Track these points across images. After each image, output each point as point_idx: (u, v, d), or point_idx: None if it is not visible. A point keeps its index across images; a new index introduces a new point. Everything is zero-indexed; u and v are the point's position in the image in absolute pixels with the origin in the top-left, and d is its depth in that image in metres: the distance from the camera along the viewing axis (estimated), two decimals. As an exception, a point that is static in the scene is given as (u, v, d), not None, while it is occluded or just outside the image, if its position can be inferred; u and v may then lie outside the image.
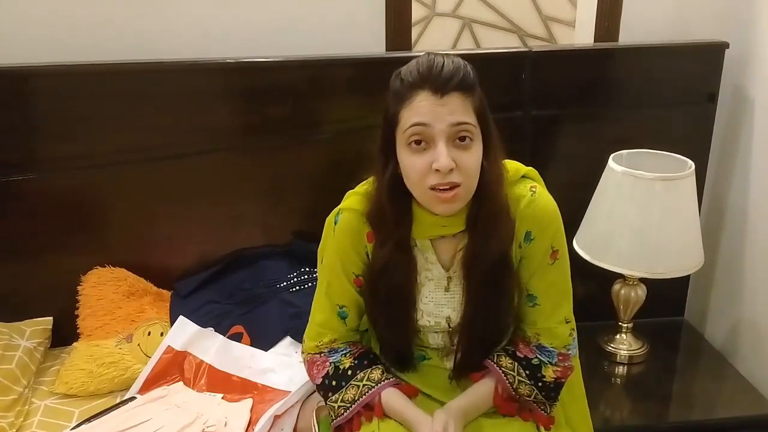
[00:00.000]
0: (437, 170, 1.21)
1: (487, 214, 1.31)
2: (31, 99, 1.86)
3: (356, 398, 1.37)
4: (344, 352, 1.43)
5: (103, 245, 1.97)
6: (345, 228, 1.39)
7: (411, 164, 1.25)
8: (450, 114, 1.22)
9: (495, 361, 1.39)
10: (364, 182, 1.41)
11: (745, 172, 1.99)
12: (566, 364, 1.40)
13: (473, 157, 1.25)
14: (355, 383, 1.39)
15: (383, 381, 1.39)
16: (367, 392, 1.37)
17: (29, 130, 1.86)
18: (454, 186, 1.23)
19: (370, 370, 1.41)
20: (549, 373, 1.38)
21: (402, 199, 1.32)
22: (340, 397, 1.39)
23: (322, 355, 1.43)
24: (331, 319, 1.43)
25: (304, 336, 1.48)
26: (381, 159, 1.32)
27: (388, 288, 1.37)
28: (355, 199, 1.40)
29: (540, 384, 1.38)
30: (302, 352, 1.49)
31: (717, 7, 2.04)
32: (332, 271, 1.42)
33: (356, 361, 1.42)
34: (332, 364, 1.42)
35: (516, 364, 1.38)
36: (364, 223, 1.38)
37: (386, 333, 1.44)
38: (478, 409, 1.39)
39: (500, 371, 1.38)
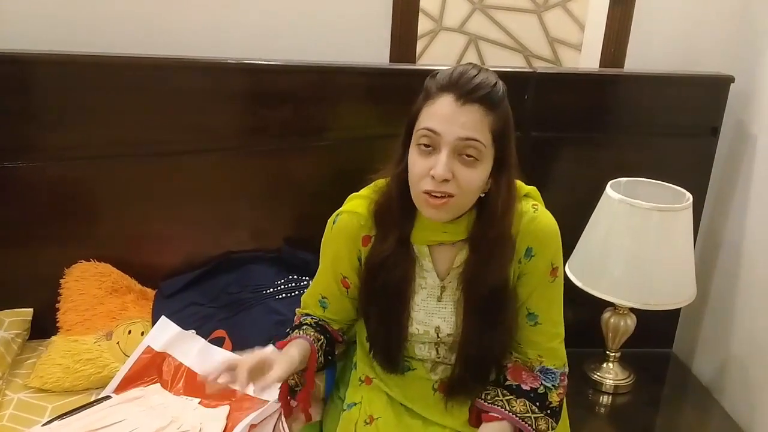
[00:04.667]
0: (433, 176, 1.23)
1: (492, 238, 1.32)
2: (26, 86, 1.82)
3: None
4: (314, 317, 1.52)
5: (89, 239, 1.94)
6: (341, 230, 1.43)
7: (414, 163, 1.28)
8: (462, 127, 1.22)
9: (508, 408, 1.36)
10: (367, 186, 1.44)
11: (743, 209, 1.98)
12: (565, 383, 1.43)
13: (474, 175, 1.25)
14: (294, 332, 1.46)
15: (305, 335, 1.43)
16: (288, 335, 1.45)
17: (22, 117, 1.83)
18: (446, 195, 1.25)
19: (309, 327, 1.46)
20: (554, 398, 1.39)
21: (410, 195, 1.33)
22: None
23: (302, 315, 1.55)
24: (314, 302, 1.53)
25: None
26: (399, 150, 1.34)
27: (385, 282, 1.38)
28: (356, 203, 1.43)
29: (549, 411, 1.38)
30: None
31: (725, 40, 2.03)
32: (324, 265, 1.49)
33: (313, 323, 1.48)
34: (301, 322, 1.50)
35: (527, 402, 1.37)
36: (360, 227, 1.41)
37: (378, 328, 1.44)
38: None
39: (517, 418, 1.35)
